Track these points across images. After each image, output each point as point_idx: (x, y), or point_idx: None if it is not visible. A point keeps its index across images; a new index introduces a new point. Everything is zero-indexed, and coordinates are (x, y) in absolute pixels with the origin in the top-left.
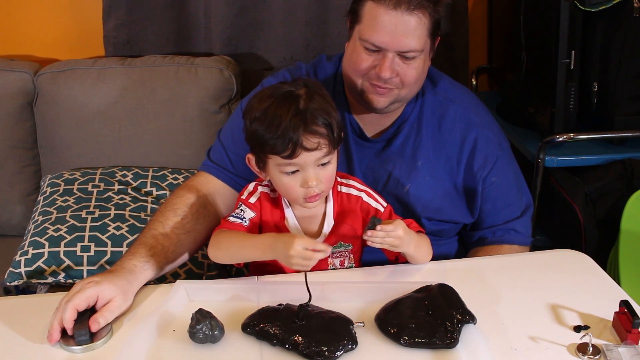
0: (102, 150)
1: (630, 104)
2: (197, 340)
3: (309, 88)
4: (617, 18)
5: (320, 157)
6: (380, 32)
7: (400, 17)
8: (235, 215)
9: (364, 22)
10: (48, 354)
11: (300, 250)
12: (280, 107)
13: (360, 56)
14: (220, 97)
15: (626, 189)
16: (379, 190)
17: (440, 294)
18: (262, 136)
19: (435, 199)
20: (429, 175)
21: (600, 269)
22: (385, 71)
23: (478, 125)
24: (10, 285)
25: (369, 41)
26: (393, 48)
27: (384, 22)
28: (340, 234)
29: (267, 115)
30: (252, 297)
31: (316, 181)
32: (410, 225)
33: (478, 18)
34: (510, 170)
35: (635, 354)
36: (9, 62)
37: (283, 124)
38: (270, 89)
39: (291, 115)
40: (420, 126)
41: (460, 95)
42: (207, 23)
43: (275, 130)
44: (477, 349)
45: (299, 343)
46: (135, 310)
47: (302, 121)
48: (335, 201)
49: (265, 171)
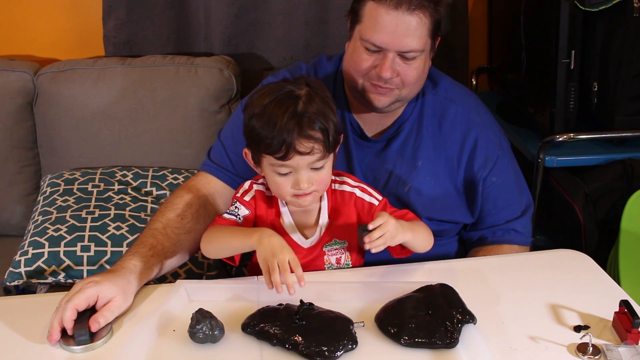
0: (102, 150)
1: (630, 104)
2: (197, 340)
3: (311, 88)
4: (617, 18)
5: (314, 161)
6: (381, 32)
7: (401, 17)
8: (230, 212)
9: (364, 22)
10: (48, 354)
11: (284, 259)
12: (278, 107)
13: (361, 56)
14: (220, 97)
15: (626, 189)
16: (379, 190)
17: (440, 293)
18: (259, 134)
19: (436, 199)
20: (429, 175)
21: (600, 269)
22: (385, 71)
23: (479, 125)
24: (10, 285)
25: (369, 41)
26: (394, 48)
27: (385, 22)
28: (335, 231)
29: (265, 114)
30: (252, 297)
31: (307, 184)
32: (407, 215)
33: (478, 18)
34: (510, 170)
35: (635, 354)
36: (9, 62)
37: (279, 125)
38: (272, 86)
39: (287, 117)
40: (421, 126)
41: (460, 95)
42: (207, 23)
43: (271, 130)
44: (477, 349)
45: (299, 343)
46: (135, 310)
47: (297, 124)
48: (330, 199)
49: (259, 167)
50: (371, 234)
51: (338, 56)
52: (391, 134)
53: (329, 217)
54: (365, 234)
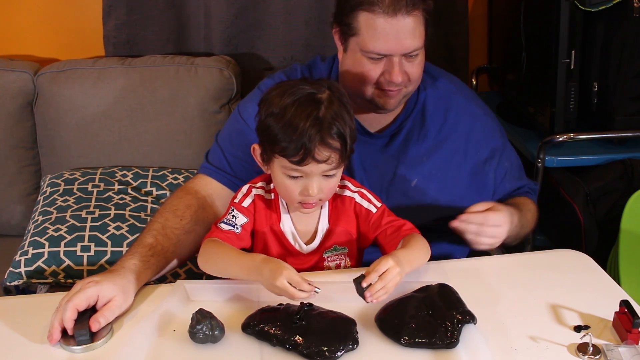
0: (102, 150)
1: (631, 103)
2: (197, 340)
3: (332, 92)
4: (617, 18)
5: (328, 170)
6: (384, 41)
7: (401, 22)
8: (227, 222)
9: (362, 34)
10: (48, 354)
11: (285, 283)
12: (300, 110)
13: (366, 67)
14: (220, 97)
15: (626, 189)
16: (384, 186)
17: (440, 294)
18: (276, 135)
19: (443, 192)
20: (435, 168)
21: (600, 269)
22: (397, 76)
23: (482, 115)
24: (10, 285)
25: (374, 52)
26: (399, 52)
27: (386, 30)
28: (336, 237)
29: (285, 116)
30: (253, 297)
31: (317, 190)
32: (404, 226)
33: (478, 18)
34: (513, 153)
35: (635, 354)
36: (9, 62)
37: (299, 129)
38: (291, 86)
39: (310, 123)
40: (424, 119)
41: (461, 88)
42: (207, 23)
43: (291, 134)
44: (478, 349)
45: (299, 343)
46: (135, 311)
47: (318, 132)
48: (330, 204)
49: (268, 165)
50: (372, 287)
51: (331, 57)
52: (394, 130)
53: (329, 223)
54: (364, 289)
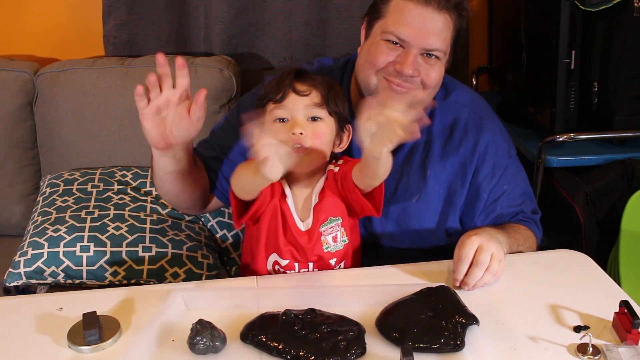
0: (102, 150)
1: (631, 104)
2: (197, 352)
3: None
4: (617, 18)
5: (310, 105)
6: (407, 26)
7: (430, 15)
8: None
9: (388, 17)
10: (48, 354)
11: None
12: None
13: (379, 49)
14: (220, 97)
15: (626, 189)
16: (386, 200)
17: (440, 295)
18: (264, 90)
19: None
20: (438, 184)
21: (600, 269)
22: (407, 67)
23: (490, 131)
24: (10, 285)
25: (394, 33)
26: (418, 44)
27: (413, 17)
28: (328, 209)
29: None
30: (252, 304)
31: (302, 130)
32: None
33: (478, 18)
34: (519, 179)
35: (635, 354)
36: (9, 62)
37: (281, 74)
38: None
39: (291, 69)
40: (430, 134)
41: (472, 101)
42: (207, 23)
43: (274, 82)
44: (484, 351)
45: (301, 355)
46: (136, 312)
47: (299, 72)
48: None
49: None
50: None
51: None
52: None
53: (318, 197)
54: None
